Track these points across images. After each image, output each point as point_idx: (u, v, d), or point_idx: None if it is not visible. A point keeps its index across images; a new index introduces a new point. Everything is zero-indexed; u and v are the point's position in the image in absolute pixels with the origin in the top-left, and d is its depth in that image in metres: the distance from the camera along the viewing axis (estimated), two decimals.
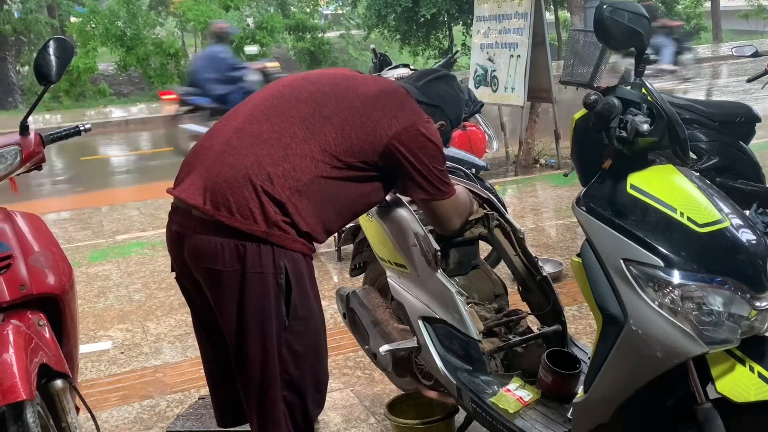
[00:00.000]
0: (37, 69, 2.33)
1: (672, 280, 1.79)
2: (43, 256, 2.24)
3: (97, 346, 4.07)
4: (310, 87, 2.21)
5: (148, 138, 13.73)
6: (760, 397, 1.74)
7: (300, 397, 2.15)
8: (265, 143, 2.05)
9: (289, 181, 2.02)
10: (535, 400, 2.41)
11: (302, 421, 2.18)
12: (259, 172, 2.00)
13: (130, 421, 3.26)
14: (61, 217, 7.20)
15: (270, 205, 1.99)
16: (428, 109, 2.31)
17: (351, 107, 2.15)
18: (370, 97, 2.18)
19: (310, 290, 2.12)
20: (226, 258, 1.99)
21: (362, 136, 2.12)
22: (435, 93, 2.37)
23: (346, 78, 2.27)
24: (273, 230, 1.99)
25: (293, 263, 2.04)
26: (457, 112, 2.44)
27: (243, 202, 1.98)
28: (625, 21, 1.89)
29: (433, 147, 2.20)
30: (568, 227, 5.67)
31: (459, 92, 2.46)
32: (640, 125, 1.85)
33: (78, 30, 18.02)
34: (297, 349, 2.09)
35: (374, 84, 2.28)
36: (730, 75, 16.86)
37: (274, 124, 2.09)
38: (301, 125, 2.09)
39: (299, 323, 2.08)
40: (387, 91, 2.24)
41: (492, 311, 2.75)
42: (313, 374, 2.17)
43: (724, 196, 1.98)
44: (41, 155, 2.41)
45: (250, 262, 1.99)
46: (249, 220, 1.97)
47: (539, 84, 7.57)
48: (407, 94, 2.27)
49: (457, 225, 2.43)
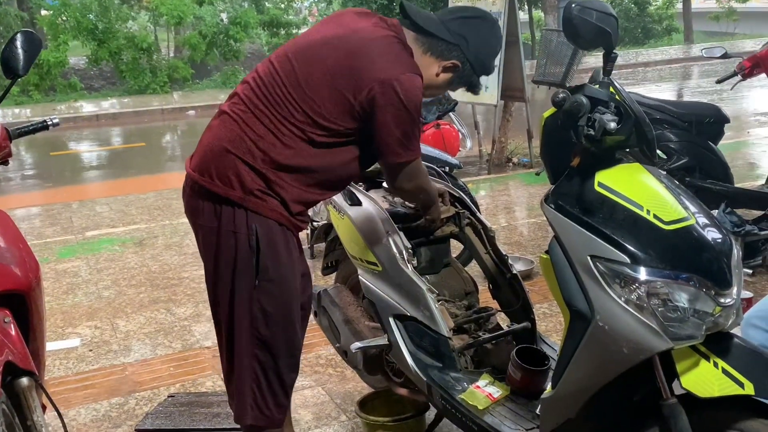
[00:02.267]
0: (4, 62, 2.31)
1: (638, 276, 1.81)
2: (8, 252, 2.21)
3: (65, 344, 4.02)
4: (299, 56, 2.21)
5: (119, 133, 13.59)
6: (724, 393, 1.77)
7: (273, 357, 2.26)
8: (250, 116, 2.18)
9: (270, 154, 2.15)
10: (504, 397, 2.43)
11: (277, 382, 2.29)
12: (241, 144, 2.15)
13: (98, 419, 3.23)
14: (30, 212, 7.10)
15: (249, 173, 2.14)
16: (445, 46, 2.24)
17: (334, 68, 2.15)
18: (352, 53, 2.15)
19: (284, 257, 2.22)
20: (206, 216, 2.21)
21: (343, 95, 2.13)
22: (459, 30, 2.25)
23: (336, 37, 2.22)
24: (249, 197, 2.15)
25: (266, 228, 2.17)
26: (481, 57, 2.27)
27: (223, 170, 2.16)
28: (593, 20, 1.91)
29: (400, 106, 2.11)
30: (540, 225, 5.71)
31: (492, 37, 2.30)
32: (608, 123, 1.86)
33: (49, 23, 17.73)
34: (267, 310, 2.22)
35: (358, 36, 2.20)
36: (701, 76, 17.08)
37: (261, 97, 2.19)
38: (287, 95, 2.16)
39: (270, 284, 2.20)
40: (370, 44, 2.17)
41: (462, 308, 2.76)
42: (285, 337, 2.28)
43: (691, 195, 2.01)
44: (8, 150, 2.37)
45: (224, 221, 2.17)
46: (227, 186, 2.16)
47: (513, 83, 7.61)
48: (392, 44, 2.19)
49: (406, 188, 2.34)
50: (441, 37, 2.23)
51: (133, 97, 17.06)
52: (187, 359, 3.77)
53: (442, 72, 2.27)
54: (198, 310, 4.35)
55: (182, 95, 17.11)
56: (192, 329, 4.12)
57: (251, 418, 2.30)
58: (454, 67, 2.26)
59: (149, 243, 5.81)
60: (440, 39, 2.24)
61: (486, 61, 2.29)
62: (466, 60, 2.25)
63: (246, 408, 2.29)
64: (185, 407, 3.21)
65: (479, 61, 2.27)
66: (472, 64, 2.27)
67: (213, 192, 2.18)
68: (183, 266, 5.17)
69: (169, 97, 16.82)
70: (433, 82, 2.28)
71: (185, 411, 3.17)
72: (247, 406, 2.29)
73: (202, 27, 18.28)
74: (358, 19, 2.27)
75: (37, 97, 16.71)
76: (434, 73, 2.26)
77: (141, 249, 5.67)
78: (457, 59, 2.25)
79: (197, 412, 3.16)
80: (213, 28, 18.28)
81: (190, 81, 18.45)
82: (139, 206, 7.07)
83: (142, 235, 6.05)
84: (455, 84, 2.34)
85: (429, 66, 2.25)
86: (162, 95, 17.12)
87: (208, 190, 2.19)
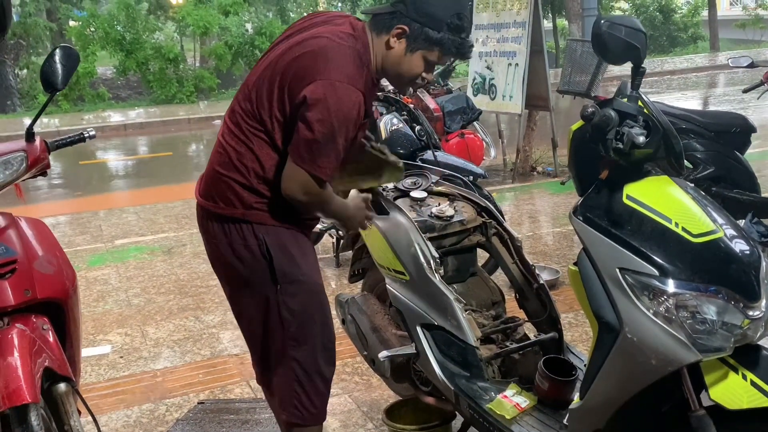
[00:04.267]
0: (43, 77, 2.37)
1: (667, 289, 1.83)
2: (47, 261, 2.27)
3: (97, 350, 4.09)
4: (260, 75, 2.24)
5: (147, 142, 13.76)
6: (753, 405, 1.77)
7: (310, 355, 2.33)
8: (229, 140, 2.25)
9: (255, 170, 2.20)
10: (532, 407, 2.44)
11: (318, 378, 2.36)
12: (229, 165, 2.23)
13: (129, 425, 3.29)
14: (60, 221, 7.21)
15: (243, 191, 2.22)
16: (387, 17, 2.16)
17: (279, 66, 2.17)
18: (302, 54, 2.14)
19: (299, 257, 2.28)
20: (217, 235, 2.29)
21: (282, 93, 2.15)
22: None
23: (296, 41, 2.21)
24: (250, 211, 2.23)
25: (274, 235, 2.24)
26: (424, 8, 2.12)
27: (222, 192, 2.25)
28: (622, 35, 1.93)
29: (325, 111, 2.04)
30: (565, 235, 5.70)
31: None
32: (636, 137, 1.88)
33: (77, 34, 18.02)
34: (294, 309, 2.28)
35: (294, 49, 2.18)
36: (727, 84, 16.93)
37: (236, 123, 2.25)
38: (246, 104, 2.22)
39: (292, 286, 2.27)
40: (324, 49, 2.13)
41: (489, 318, 2.78)
42: (317, 333, 2.34)
43: (718, 207, 2.02)
44: (46, 161, 2.44)
45: (234, 237, 2.26)
46: (229, 206, 2.24)
47: (537, 92, 7.62)
48: (344, 54, 2.12)
49: (293, 194, 2.15)
50: (382, 13, 2.20)
51: (160, 106, 17.26)
52: (215, 366, 3.82)
53: (394, 42, 2.16)
54: (225, 317, 4.40)
55: (208, 105, 17.28)
56: (220, 337, 4.17)
57: (299, 418, 2.37)
58: (402, 32, 2.15)
59: (177, 251, 5.89)
60: (381, 14, 2.19)
61: (431, 10, 2.13)
62: (411, 20, 2.14)
63: (293, 410, 2.36)
64: (215, 414, 3.25)
65: (423, 12, 2.13)
66: (417, 19, 2.13)
67: (218, 214, 2.27)
68: (210, 274, 5.18)
69: (195, 107, 16.99)
70: (390, 58, 2.19)
71: (215, 418, 3.22)
72: (294, 407, 2.36)
73: (228, 37, 18.47)
74: (325, 20, 2.28)
75: (65, 106, 16.97)
76: (386, 46, 2.18)
77: (169, 257, 5.75)
78: (402, 23, 2.14)
79: (226, 418, 3.20)
80: (239, 38, 18.46)
81: (216, 91, 18.64)
82: (166, 215, 7.17)
83: (171, 243, 6.13)
84: (417, 49, 2.17)
85: (381, 44, 2.19)
86: (188, 105, 17.31)
87: (214, 213, 2.28)
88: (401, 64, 2.21)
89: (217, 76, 18.88)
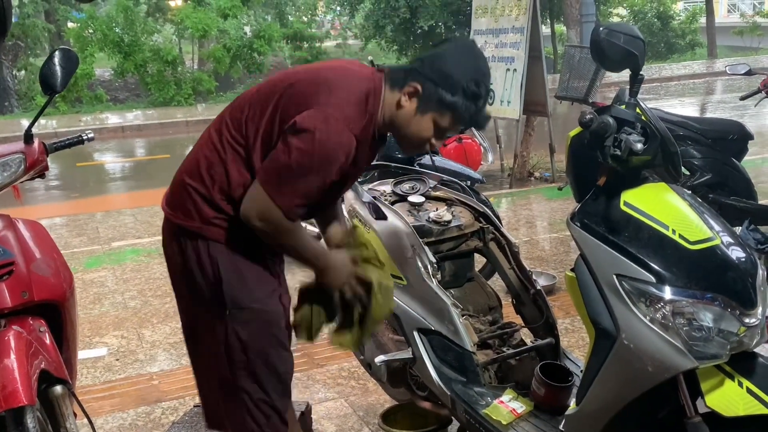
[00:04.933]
0: (42, 79, 2.38)
1: (663, 295, 1.83)
2: (44, 263, 2.27)
3: (93, 353, 4.08)
4: (262, 88, 2.14)
5: (144, 145, 13.75)
6: (749, 412, 1.78)
7: (260, 386, 2.15)
8: (204, 148, 2.13)
9: (221, 185, 2.07)
10: (528, 412, 2.45)
11: (270, 410, 2.18)
12: (196, 175, 2.10)
13: (125, 428, 3.28)
14: (57, 222, 7.20)
15: (203, 204, 2.08)
16: (404, 73, 2.05)
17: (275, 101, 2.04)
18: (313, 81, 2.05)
19: (252, 282, 2.10)
20: (173, 246, 2.17)
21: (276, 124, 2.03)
22: (419, 56, 2.10)
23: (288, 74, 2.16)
24: (207, 226, 2.08)
25: (228, 256, 2.08)
26: (443, 69, 2.01)
27: (182, 201, 2.12)
28: (620, 43, 1.94)
29: (310, 143, 1.92)
30: (562, 240, 5.71)
31: (457, 53, 2.06)
32: (634, 144, 1.89)
33: (75, 35, 18.01)
34: (243, 338, 2.10)
35: (305, 73, 2.10)
36: (724, 91, 16.98)
37: (218, 130, 2.13)
38: (242, 124, 2.08)
39: (241, 313, 2.09)
40: (313, 78, 2.05)
41: (486, 323, 2.79)
42: (268, 363, 2.15)
43: (715, 214, 2.03)
44: (45, 164, 2.44)
45: (189, 251, 2.11)
46: (188, 218, 2.10)
47: (535, 97, 7.63)
48: (352, 91, 2.01)
49: (248, 216, 1.99)
50: (398, 68, 2.11)
51: (157, 109, 17.25)
52: None
53: (405, 101, 2.03)
54: None
55: (206, 107, 17.27)
56: None
57: None
58: (414, 91, 2.02)
59: None
60: (398, 69, 2.10)
61: (450, 72, 2.00)
62: (425, 79, 2.01)
63: None
64: None
65: (440, 73, 2.00)
66: (433, 79, 2.00)
67: (176, 224, 2.13)
68: None
69: (193, 110, 16.99)
70: (399, 117, 2.06)
71: None
72: None
73: (227, 40, 18.48)
74: (350, 63, 2.21)
75: (63, 108, 16.95)
76: (396, 104, 2.05)
77: None
78: (417, 81, 2.02)
79: None
80: (237, 41, 18.46)
81: (214, 93, 18.63)
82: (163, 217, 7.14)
83: None
84: (428, 111, 2.04)
85: (392, 100, 2.06)
86: (186, 107, 17.31)
87: (173, 222, 2.14)
88: (410, 124, 2.06)
89: (216, 78, 18.87)
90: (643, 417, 1.97)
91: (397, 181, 3.12)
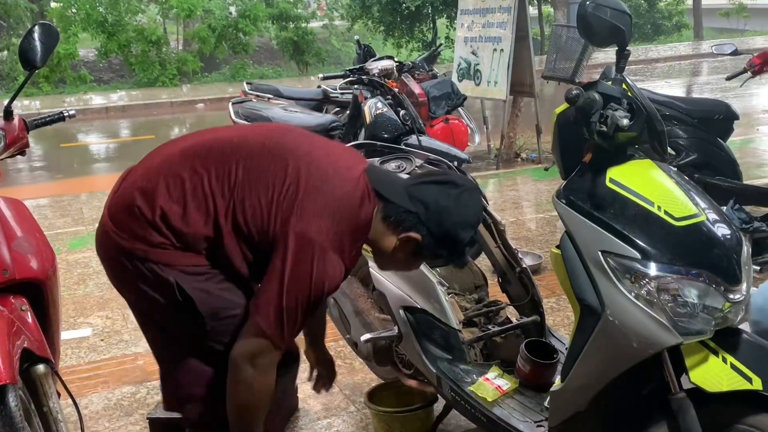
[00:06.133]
0: (22, 54, 2.33)
1: (648, 271, 1.83)
2: (26, 241, 2.25)
3: (77, 333, 4.06)
4: (250, 141, 2.01)
5: (129, 125, 13.63)
6: (733, 388, 1.79)
7: None
8: (170, 176, 1.95)
9: (176, 223, 1.92)
10: (513, 389, 2.46)
11: None
12: (149, 198, 1.93)
13: (110, 408, 3.27)
14: (41, 203, 7.13)
15: (152, 232, 1.92)
16: (402, 213, 1.97)
17: (267, 181, 1.92)
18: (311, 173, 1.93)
19: (225, 293, 1.97)
20: (123, 263, 1.97)
21: (263, 214, 1.91)
22: (420, 195, 1.99)
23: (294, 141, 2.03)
24: (154, 249, 1.92)
25: (188, 276, 1.93)
26: (446, 226, 1.97)
27: (125, 220, 1.95)
28: (607, 17, 1.92)
29: (307, 282, 1.85)
30: (548, 221, 5.72)
31: (460, 205, 2.00)
32: (620, 120, 1.88)
33: (59, 15, 17.78)
34: (228, 341, 1.97)
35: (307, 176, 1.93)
36: (710, 73, 17.02)
37: (193, 168, 1.95)
38: (221, 185, 1.93)
39: (224, 322, 1.97)
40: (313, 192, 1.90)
41: (472, 302, 2.79)
42: None
43: (701, 191, 2.03)
44: (25, 140, 2.41)
45: (143, 273, 1.94)
46: (132, 240, 1.93)
47: (522, 78, 7.61)
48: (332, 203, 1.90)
49: (239, 359, 1.91)
50: (398, 204, 1.98)
51: (142, 89, 17.10)
52: None
53: (399, 246, 2.00)
54: None
55: (191, 88, 17.14)
56: None
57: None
58: (413, 241, 1.98)
59: None
60: (397, 205, 1.98)
61: (453, 232, 1.98)
62: (427, 231, 1.97)
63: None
64: None
65: (443, 230, 1.97)
66: (435, 234, 1.97)
67: (119, 244, 1.95)
68: None
69: (178, 90, 16.86)
70: (391, 257, 2.04)
71: None
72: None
73: (212, 20, 18.31)
74: (341, 151, 2.12)
75: (46, 89, 16.77)
76: (391, 245, 2.01)
77: None
78: (416, 231, 1.97)
79: None
80: (222, 21, 18.30)
81: (199, 74, 18.49)
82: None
83: None
84: (423, 259, 2.10)
85: (385, 236, 2.00)
86: (171, 88, 17.16)
87: (114, 240, 1.96)
88: (399, 264, 2.11)
89: (201, 59, 18.72)
90: (628, 393, 1.98)
91: (383, 159, 3.10)
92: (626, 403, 2.00)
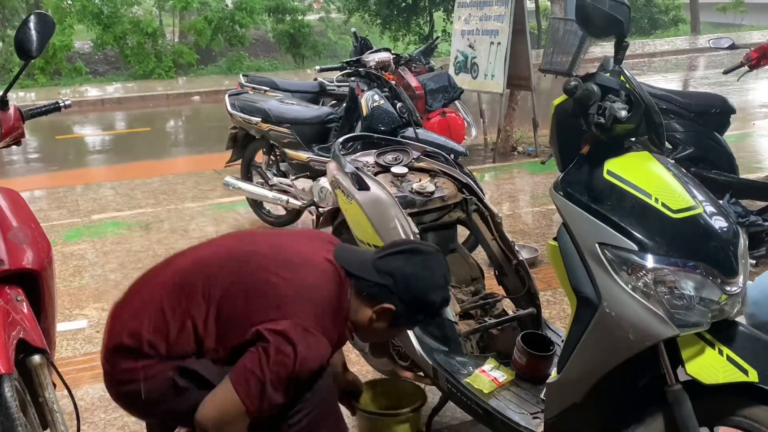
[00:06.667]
0: (17, 44, 2.31)
1: (645, 264, 1.83)
2: (21, 232, 2.23)
3: (73, 325, 4.05)
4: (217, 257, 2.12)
5: (124, 118, 13.59)
6: (729, 379, 1.79)
7: None
8: (153, 310, 2.07)
9: (160, 351, 2.03)
10: (510, 381, 2.46)
11: None
12: (138, 335, 2.06)
13: (105, 399, 3.25)
14: (36, 195, 7.12)
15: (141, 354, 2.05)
16: (373, 287, 2.06)
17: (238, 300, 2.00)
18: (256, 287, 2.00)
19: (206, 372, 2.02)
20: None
21: (236, 325, 1.99)
22: (387, 268, 2.08)
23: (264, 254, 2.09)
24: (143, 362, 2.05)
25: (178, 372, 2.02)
26: (415, 293, 2.06)
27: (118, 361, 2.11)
28: (606, 8, 1.92)
29: (291, 364, 1.89)
30: (545, 214, 5.72)
31: (424, 270, 2.09)
32: (618, 112, 1.88)
33: (54, 6, 17.66)
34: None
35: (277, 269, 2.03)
36: (707, 67, 17.02)
37: (170, 297, 2.07)
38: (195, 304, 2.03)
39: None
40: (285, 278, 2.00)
41: (469, 294, 2.79)
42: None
43: (698, 184, 2.03)
44: (21, 130, 2.39)
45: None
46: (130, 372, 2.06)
47: (519, 72, 7.61)
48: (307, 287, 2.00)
49: (205, 421, 1.94)
50: (367, 279, 2.07)
51: (137, 82, 17.04)
52: None
53: (376, 318, 2.09)
54: None
55: (187, 81, 17.10)
56: None
57: None
58: (388, 311, 2.07)
59: (155, 227, 5.84)
60: (367, 280, 2.07)
61: (422, 296, 2.08)
62: (399, 300, 2.06)
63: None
64: None
65: (413, 296, 2.07)
66: (406, 302, 2.07)
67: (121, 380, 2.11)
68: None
69: (174, 83, 16.80)
70: (370, 330, 2.13)
71: None
72: None
73: (208, 12, 18.23)
74: (306, 241, 2.20)
75: (42, 80, 16.70)
76: (367, 318, 2.09)
77: (147, 233, 5.69)
78: (389, 302, 2.06)
79: None
80: (218, 13, 18.22)
81: (195, 66, 18.42)
82: (144, 190, 7.09)
83: (148, 219, 6.07)
84: (399, 326, 2.18)
85: (360, 310, 2.09)
86: (167, 80, 17.10)
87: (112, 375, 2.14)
88: (380, 334, 2.19)
89: (197, 51, 18.64)
90: (624, 385, 1.99)
91: (380, 152, 3.09)
92: (622, 395, 2.00)
